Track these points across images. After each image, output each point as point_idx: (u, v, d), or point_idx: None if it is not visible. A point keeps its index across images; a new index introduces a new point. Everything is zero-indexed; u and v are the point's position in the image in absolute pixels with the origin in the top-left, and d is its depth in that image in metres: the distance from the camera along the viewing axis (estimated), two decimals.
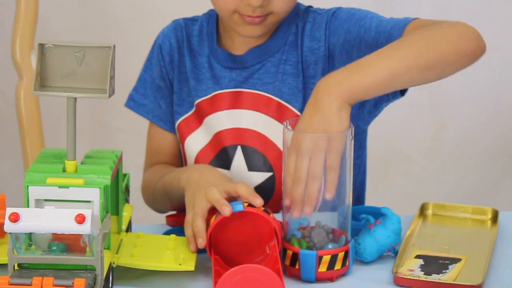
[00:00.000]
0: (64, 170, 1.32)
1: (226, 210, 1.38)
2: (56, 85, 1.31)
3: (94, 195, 1.29)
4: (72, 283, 1.21)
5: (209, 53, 1.74)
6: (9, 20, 1.96)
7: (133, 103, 1.79)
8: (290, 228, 1.39)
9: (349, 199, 1.39)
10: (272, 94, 1.69)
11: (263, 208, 1.40)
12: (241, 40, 1.71)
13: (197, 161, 1.74)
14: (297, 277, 1.37)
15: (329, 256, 1.36)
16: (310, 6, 1.73)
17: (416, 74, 1.45)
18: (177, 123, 1.76)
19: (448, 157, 2.29)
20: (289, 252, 1.37)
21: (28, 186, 1.29)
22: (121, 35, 1.76)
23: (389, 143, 2.21)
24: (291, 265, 1.37)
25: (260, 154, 1.70)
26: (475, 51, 1.50)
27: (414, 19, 1.58)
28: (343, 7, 1.69)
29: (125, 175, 1.46)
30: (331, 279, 1.37)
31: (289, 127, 1.39)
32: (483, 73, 2.39)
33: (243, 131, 1.71)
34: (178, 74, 1.76)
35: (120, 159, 1.40)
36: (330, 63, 1.67)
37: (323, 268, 1.36)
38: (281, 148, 1.65)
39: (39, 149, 1.93)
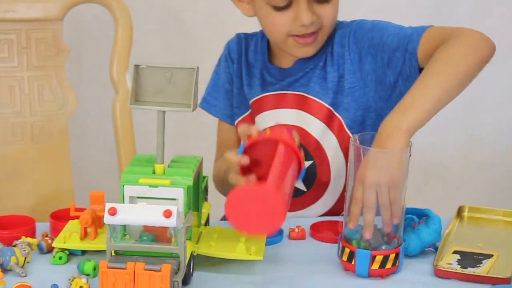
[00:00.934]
0: (153, 172, 1.32)
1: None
2: (148, 100, 1.32)
3: (179, 194, 1.30)
4: (160, 268, 1.22)
5: (261, 67, 1.73)
6: (108, 44, 1.97)
7: (206, 104, 1.79)
8: (350, 230, 1.37)
9: (403, 210, 1.37)
10: (308, 94, 1.67)
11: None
12: (289, 56, 1.69)
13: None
14: (352, 272, 1.36)
15: (382, 256, 1.34)
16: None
17: (453, 92, 1.45)
18: (235, 122, 1.76)
19: (480, 166, 2.27)
20: (347, 250, 1.36)
21: (123, 185, 1.30)
22: (204, 56, 1.76)
23: (429, 154, 2.20)
24: (348, 261, 1.36)
25: (300, 145, 1.69)
26: (490, 54, 1.50)
27: (429, 26, 1.57)
28: (366, 19, 1.68)
29: (204, 177, 1.46)
30: (381, 276, 1.35)
31: (356, 142, 1.37)
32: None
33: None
34: (237, 81, 1.75)
35: (200, 164, 1.40)
36: (358, 64, 1.65)
37: (375, 266, 1.34)
38: (318, 139, 1.66)
39: (132, 154, 1.94)
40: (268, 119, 1.70)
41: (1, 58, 1.92)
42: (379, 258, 1.34)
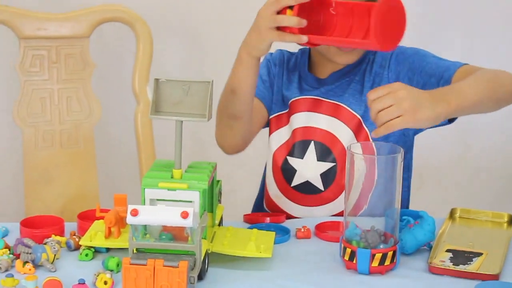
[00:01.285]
0: (172, 177, 1.33)
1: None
2: (167, 111, 1.33)
3: (195, 196, 1.30)
4: (178, 265, 1.22)
5: (300, 75, 1.73)
6: (130, 59, 1.98)
7: None
8: (351, 232, 1.38)
9: (397, 211, 1.38)
10: (341, 103, 1.68)
11: None
12: (326, 68, 1.69)
13: (276, 154, 1.72)
14: (354, 270, 1.36)
15: (381, 254, 1.34)
16: None
17: (490, 105, 1.51)
18: (270, 117, 1.75)
19: (472, 171, 2.25)
20: (348, 250, 1.36)
21: (144, 189, 1.31)
22: (218, 70, 1.76)
23: (424, 159, 2.18)
24: (349, 260, 1.36)
25: (328, 149, 1.69)
26: None
27: (466, 63, 1.60)
28: (408, 47, 1.69)
29: (218, 181, 1.46)
30: (381, 273, 1.36)
31: (351, 150, 1.37)
32: None
33: (317, 130, 1.69)
34: (279, 81, 1.74)
35: (214, 169, 1.41)
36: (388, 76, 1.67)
37: (375, 263, 1.34)
38: (344, 145, 1.65)
39: (152, 160, 1.94)
40: (303, 119, 1.70)
41: (33, 72, 1.93)
42: (378, 256, 1.34)
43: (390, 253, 1.35)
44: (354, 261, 1.36)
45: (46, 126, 1.95)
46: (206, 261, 1.34)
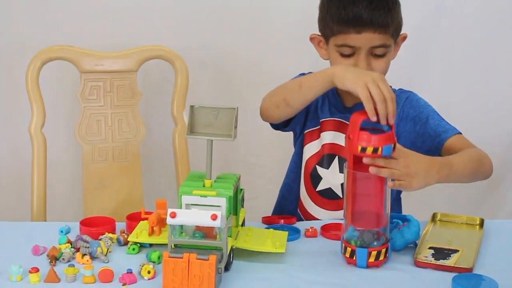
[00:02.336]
0: (203, 186, 1.33)
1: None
2: (200, 131, 1.33)
3: (222, 202, 1.30)
4: (208, 258, 1.22)
5: (329, 101, 1.69)
6: (170, 89, 1.98)
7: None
8: (349, 234, 1.37)
9: (387, 218, 1.37)
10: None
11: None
12: (351, 97, 1.61)
13: (308, 162, 1.69)
14: (354, 265, 1.35)
15: (376, 251, 1.34)
16: None
17: (469, 179, 1.54)
18: (305, 132, 1.71)
19: (451, 184, 2.22)
20: (349, 249, 1.35)
21: (181, 195, 1.31)
22: (243, 98, 1.77)
23: None
24: (350, 257, 1.35)
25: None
26: (490, 174, 1.58)
27: (459, 132, 1.61)
28: (419, 95, 1.69)
29: (241, 189, 1.45)
30: (377, 266, 1.35)
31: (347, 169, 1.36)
32: (474, 114, 2.34)
33: (342, 147, 1.65)
34: (314, 103, 1.68)
35: (238, 179, 1.41)
36: (400, 121, 1.65)
37: (372, 259, 1.34)
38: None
39: (187, 172, 1.94)
40: (331, 136, 1.67)
41: (91, 99, 1.93)
42: (374, 253, 1.34)
43: (383, 250, 1.35)
44: (354, 258, 1.35)
45: (101, 144, 1.96)
46: (231, 255, 1.34)
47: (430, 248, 1.43)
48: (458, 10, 2.25)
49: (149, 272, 1.29)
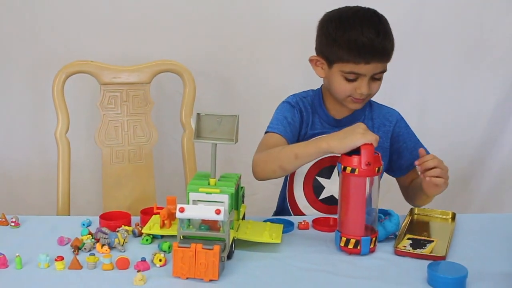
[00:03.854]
0: (208, 184, 1.33)
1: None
2: (205, 136, 1.33)
3: (225, 198, 1.30)
4: (213, 248, 1.22)
5: (319, 117, 1.67)
6: (179, 99, 1.98)
7: (270, 129, 1.61)
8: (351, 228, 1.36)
9: (376, 211, 1.37)
10: None
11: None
12: (340, 109, 1.64)
13: (308, 174, 1.66)
14: (356, 254, 1.34)
15: (374, 238, 1.35)
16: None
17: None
18: None
19: None
20: (353, 240, 1.34)
21: (189, 192, 1.31)
22: (244, 106, 1.76)
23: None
24: (354, 247, 1.34)
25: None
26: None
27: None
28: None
29: (242, 187, 1.45)
30: (373, 251, 1.36)
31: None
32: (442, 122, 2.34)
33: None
34: (305, 124, 1.66)
35: (239, 178, 1.41)
36: (385, 135, 1.68)
37: (372, 245, 1.35)
38: None
39: (194, 172, 1.94)
40: None
41: (110, 108, 1.93)
42: (372, 240, 1.35)
43: (374, 238, 1.35)
44: (358, 247, 1.33)
45: (118, 147, 1.96)
46: (233, 245, 1.34)
47: (408, 238, 1.43)
48: (433, 18, 2.23)
49: (160, 260, 1.29)
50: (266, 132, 1.62)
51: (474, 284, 1.22)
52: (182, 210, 1.24)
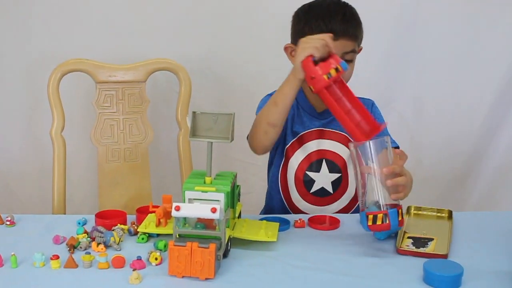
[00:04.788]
0: (204, 182, 1.32)
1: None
2: (201, 135, 1.33)
3: (221, 197, 1.30)
4: (208, 246, 1.22)
5: (303, 110, 1.71)
6: (175, 97, 1.97)
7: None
8: (370, 207, 1.35)
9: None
10: (338, 130, 1.69)
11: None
12: (320, 103, 1.66)
13: (298, 170, 1.70)
14: (387, 229, 1.32)
15: (400, 210, 1.33)
16: None
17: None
18: (286, 147, 1.71)
19: (422, 179, 2.20)
20: (380, 215, 1.31)
21: (185, 191, 1.30)
22: (239, 104, 1.76)
23: None
24: (382, 223, 1.31)
25: (335, 164, 1.70)
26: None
27: (398, 146, 1.64)
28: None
29: (238, 186, 1.45)
30: (401, 225, 1.33)
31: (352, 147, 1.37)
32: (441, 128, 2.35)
33: (326, 151, 1.70)
34: (290, 118, 1.69)
35: (235, 177, 1.41)
36: None
37: (399, 217, 1.32)
38: (346, 160, 1.68)
39: (190, 170, 1.94)
40: (315, 145, 1.69)
41: (105, 106, 1.92)
42: (399, 212, 1.33)
43: (400, 210, 1.33)
44: (387, 221, 1.31)
45: (114, 146, 1.95)
46: (229, 243, 1.34)
47: (409, 238, 1.43)
48: (429, 15, 2.23)
49: (156, 259, 1.29)
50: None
51: (470, 282, 1.23)
52: (178, 208, 1.24)
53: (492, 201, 2.36)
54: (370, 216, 1.33)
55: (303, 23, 1.61)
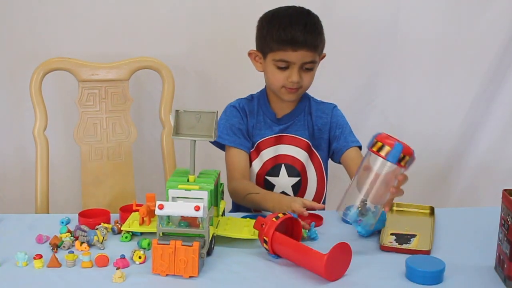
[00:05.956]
0: (188, 181, 1.33)
1: (306, 213, 1.42)
2: (184, 133, 1.33)
3: (204, 195, 1.30)
4: (192, 244, 1.22)
5: (264, 115, 1.74)
6: (158, 95, 1.97)
7: (221, 139, 1.69)
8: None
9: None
10: (296, 135, 1.72)
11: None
12: (280, 109, 1.72)
13: (258, 175, 1.73)
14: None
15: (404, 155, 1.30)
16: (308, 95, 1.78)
17: None
18: (250, 151, 1.73)
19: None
20: (388, 147, 1.27)
21: (168, 189, 1.30)
22: (222, 103, 1.76)
23: None
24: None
25: (294, 168, 1.72)
26: None
27: (359, 145, 1.70)
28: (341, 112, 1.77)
29: (221, 184, 1.46)
30: (405, 168, 1.31)
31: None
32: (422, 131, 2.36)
33: (285, 156, 1.72)
34: (250, 127, 1.73)
35: (219, 175, 1.41)
36: (323, 127, 1.74)
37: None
38: (304, 164, 1.71)
39: (173, 168, 1.94)
40: (272, 151, 1.72)
41: (88, 105, 1.92)
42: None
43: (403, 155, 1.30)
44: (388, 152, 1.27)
45: (97, 144, 1.94)
46: (213, 241, 1.34)
47: (391, 234, 1.43)
48: (409, 17, 2.24)
49: (140, 257, 1.29)
50: (217, 143, 1.71)
51: (451, 278, 1.24)
52: (161, 207, 1.24)
53: (473, 197, 2.38)
54: (379, 143, 1.28)
55: (266, 31, 1.65)
